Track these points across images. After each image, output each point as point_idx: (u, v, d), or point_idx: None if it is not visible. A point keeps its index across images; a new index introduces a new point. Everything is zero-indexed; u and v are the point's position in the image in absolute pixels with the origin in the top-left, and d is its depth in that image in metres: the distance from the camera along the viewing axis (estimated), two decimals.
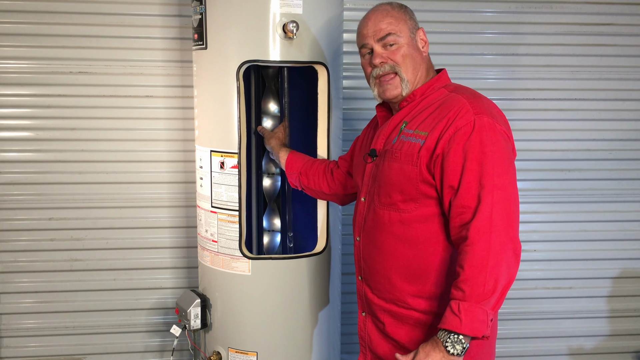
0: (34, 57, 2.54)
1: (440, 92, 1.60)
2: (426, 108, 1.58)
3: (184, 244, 2.74)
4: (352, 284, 2.81)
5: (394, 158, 1.57)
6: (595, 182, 2.89)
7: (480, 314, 1.36)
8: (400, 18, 1.60)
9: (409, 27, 1.60)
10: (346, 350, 2.88)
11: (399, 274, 1.58)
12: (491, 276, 1.37)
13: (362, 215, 1.68)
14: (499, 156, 1.43)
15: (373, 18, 1.61)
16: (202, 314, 2.11)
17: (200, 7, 1.94)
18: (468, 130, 1.44)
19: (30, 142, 2.60)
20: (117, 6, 2.56)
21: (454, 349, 1.36)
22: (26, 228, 2.65)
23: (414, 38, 1.61)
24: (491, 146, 1.43)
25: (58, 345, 2.73)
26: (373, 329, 1.68)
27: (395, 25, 1.59)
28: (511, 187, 1.44)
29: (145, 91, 2.62)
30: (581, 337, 3.00)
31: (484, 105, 1.50)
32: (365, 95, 2.73)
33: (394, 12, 1.61)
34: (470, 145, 1.43)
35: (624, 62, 2.82)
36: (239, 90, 1.90)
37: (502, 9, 2.74)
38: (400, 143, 1.57)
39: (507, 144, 1.48)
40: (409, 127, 1.57)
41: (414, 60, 1.60)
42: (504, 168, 1.43)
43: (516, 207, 1.46)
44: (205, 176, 2.04)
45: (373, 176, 1.66)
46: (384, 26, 1.59)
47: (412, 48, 1.60)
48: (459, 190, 1.44)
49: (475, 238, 1.38)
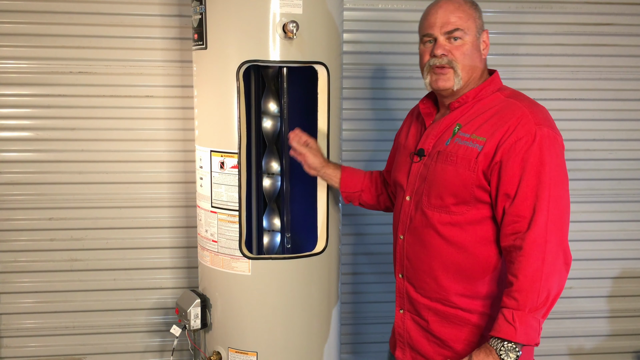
0: (34, 57, 2.54)
1: (495, 96, 1.61)
2: (482, 112, 1.59)
3: (184, 244, 2.74)
4: (352, 284, 2.83)
5: (448, 161, 1.58)
6: (595, 182, 2.89)
7: (533, 323, 1.40)
8: (470, 15, 1.59)
9: (476, 26, 1.60)
10: (346, 350, 2.88)
11: (446, 274, 1.61)
12: (544, 287, 1.41)
13: (408, 215, 1.69)
14: (555, 168, 1.46)
15: (445, 8, 1.59)
16: (202, 314, 2.11)
17: (200, 7, 1.94)
18: (529, 140, 1.47)
19: (30, 142, 2.60)
20: (117, 6, 2.56)
21: (508, 357, 1.40)
22: (26, 228, 2.65)
23: (479, 38, 1.61)
24: (550, 158, 1.46)
25: (58, 345, 2.73)
26: (413, 327, 1.71)
27: (465, 21, 1.58)
28: (565, 199, 1.47)
29: (145, 91, 2.62)
30: (581, 337, 3.00)
31: (543, 116, 1.52)
32: (366, 95, 2.73)
33: (465, 6, 1.60)
34: (530, 155, 1.46)
35: (624, 62, 2.82)
36: (239, 90, 1.90)
37: (502, 9, 2.74)
38: (456, 146, 1.58)
39: (563, 155, 1.51)
40: (465, 131, 1.58)
41: (473, 60, 1.60)
42: (559, 180, 1.46)
43: (568, 218, 1.49)
44: (205, 176, 2.04)
45: (422, 176, 1.66)
46: (454, 20, 1.58)
47: (474, 48, 1.60)
48: (515, 199, 1.46)
49: (530, 249, 1.42)
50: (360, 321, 2.86)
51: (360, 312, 2.85)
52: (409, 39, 2.62)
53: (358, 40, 2.67)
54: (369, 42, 2.70)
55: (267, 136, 2.33)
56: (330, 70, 1.97)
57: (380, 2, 2.68)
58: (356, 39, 2.67)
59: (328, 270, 2.13)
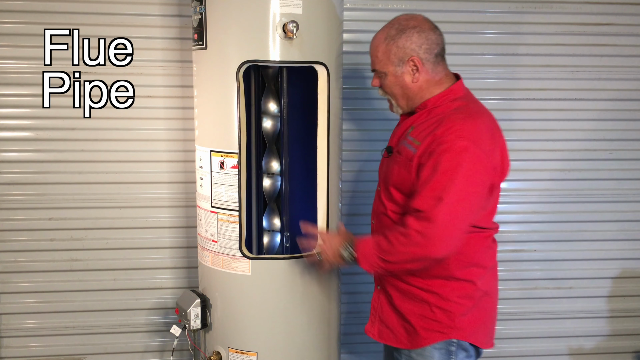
0: (34, 57, 2.54)
1: (447, 106, 1.74)
2: (431, 119, 1.74)
3: (184, 244, 2.74)
4: (352, 284, 2.82)
5: (395, 160, 1.80)
6: (595, 182, 2.89)
7: (371, 258, 1.70)
8: (386, 52, 1.76)
9: (394, 62, 1.76)
10: (346, 350, 2.88)
11: None
12: (402, 254, 1.65)
13: (376, 202, 1.92)
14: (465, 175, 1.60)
15: (371, 44, 1.82)
16: (202, 314, 2.11)
17: (200, 7, 1.94)
18: (447, 148, 1.61)
19: (30, 142, 2.60)
20: (117, 6, 2.56)
21: (344, 251, 1.77)
22: (26, 228, 2.65)
23: (401, 70, 1.76)
24: (461, 166, 1.59)
25: (58, 345, 2.73)
26: (385, 302, 1.90)
27: (380, 61, 1.78)
28: (467, 202, 1.62)
29: (145, 91, 2.62)
30: (581, 337, 3.00)
31: (470, 131, 1.63)
32: (366, 95, 2.73)
33: (382, 46, 1.77)
34: (444, 160, 1.61)
35: (624, 62, 2.82)
36: (239, 90, 1.90)
37: (502, 9, 2.74)
38: (402, 147, 1.78)
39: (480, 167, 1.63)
40: (412, 133, 1.76)
41: (402, 88, 1.78)
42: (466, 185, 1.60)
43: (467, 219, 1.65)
44: (205, 176, 2.04)
45: (384, 170, 1.89)
46: (373, 59, 1.81)
47: (396, 80, 1.78)
48: (421, 192, 1.65)
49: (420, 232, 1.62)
50: (360, 321, 2.86)
51: (360, 312, 2.85)
52: None
53: (358, 40, 2.67)
54: (369, 42, 2.69)
55: (267, 136, 2.33)
56: (330, 70, 1.97)
57: (380, 2, 2.68)
58: (356, 39, 2.67)
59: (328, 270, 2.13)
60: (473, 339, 1.80)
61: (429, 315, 1.78)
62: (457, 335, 1.77)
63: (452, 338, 1.77)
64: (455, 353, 1.79)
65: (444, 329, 1.77)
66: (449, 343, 1.78)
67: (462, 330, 1.77)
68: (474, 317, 1.79)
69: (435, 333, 1.77)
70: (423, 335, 1.79)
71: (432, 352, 1.78)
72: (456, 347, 1.78)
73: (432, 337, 1.77)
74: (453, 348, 1.78)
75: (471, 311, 1.78)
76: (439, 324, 1.77)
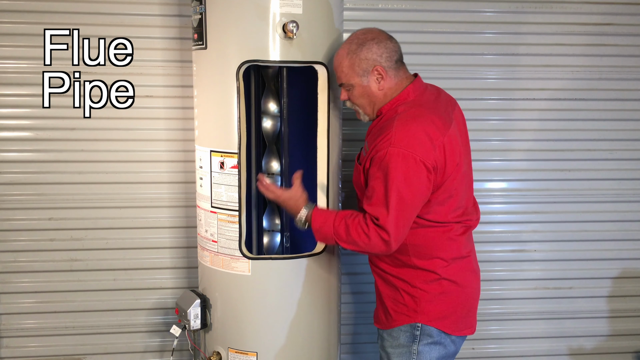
0: (34, 57, 2.54)
1: (393, 112, 1.87)
2: (379, 125, 1.89)
3: (184, 244, 2.74)
4: (352, 284, 2.83)
5: (355, 165, 1.98)
6: (595, 182, 2.89)
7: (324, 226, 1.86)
8: (351, 67, 1.86)
9: (359, 74, 1.86)
10: (346, 350, 2.88)
11: None
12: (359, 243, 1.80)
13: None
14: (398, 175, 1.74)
15: (334, 61, 1.91)
16: (202, 314, 2.11)
17: (200, 7, 1.94)
18: (383, 155, 1.76)
19: (30, 142, 2.60)
20: (117, 6, 2.56)
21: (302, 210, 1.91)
22: (26, 228, 2.65)
23: (367, 79, 1.87)
24: (394, 169, 1.74)
25: (58, 345, 2.73)
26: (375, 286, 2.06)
27: (346, 74, 1.88)
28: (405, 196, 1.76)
29: (145, 91, 2.62)
30: (581, 337, 3.00)
31: (402, 137, 1.76)
32: None
33: (345, 60, 1.87)
34: (382, 165, 1.76)
35: (624, 62, 2.81)
36: (238, 90, 1.90)
37: (502, 9, 2.74)
38: (360, 153, 1.96)
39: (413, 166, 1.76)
40: (367, 139, 1.94)
41: (369, 97, 1.90)
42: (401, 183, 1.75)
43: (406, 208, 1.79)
44: (205, 176, 2.04)
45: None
46: (339, 74, 1.90)
47: (364, 91, 1.89)
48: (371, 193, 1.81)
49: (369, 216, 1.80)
50: (360, 321, 2.86)
51: (360, 312, 2.85)
52: (408, 39, 2.62)
53: None
54: None
55: (267, 136, 2.33)
56: (330, 70, 1.97)
57: (380, 2, 2.68)
58: None
59: (328, 270, 2.13)
60: (439, 324, 1.92)
61: (399, 299, 1.95)
62: (422, 319, 1.91)
63: (416, 322, 1.91)
64: (419, 337, 1.92)
65: (410, 312, 1.92)
66: (414, 327, 1.92)
67: (426, 315, 1.91)
68: (441, 304, 1.91)
69: (402, 315, 1.94)
70: (394, 317, 1.96)
71: (398, 333, 1.95)
72: (420, 331, 1.92)
73: (400, 319, 1.94)
74: (417, 332, 1.92)
75: (437, 298, 1.91)
76: (406, 308, 1.93)
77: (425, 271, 1.91)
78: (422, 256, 1.90)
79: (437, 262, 1.91)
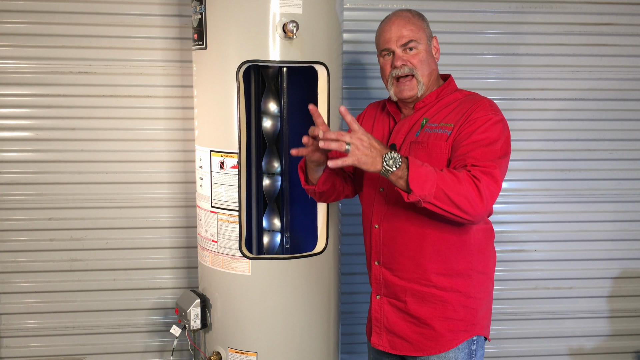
0: (34, 57, 2.54)
1: (454, 95, 1.80)
2: (445, 107, 1.76)
3: (184, 244, 2.74)
4: (352, 284, 2.82)
5: (420, 148, 1.72)
6: (595, 182, 2.89)
7: (428, 178, 1.50)
8: (420, 26, 1.78)
9: (426, 35, 1.79)
10: (346, 350, 2.88)
11: (423, 255, 1.73)
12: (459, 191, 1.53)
13: (382, 205, 1.80)
14: (503, 142, 1.65)
15: (397, 23, 1.78)
16: (202, 314, 2.11)
17: (200, 7, 1.94)
18: (485, 120, 1.66)
19: (30, 142, 2.60)
20: (117, 6, 2.56)
21: (391, 163, 1.50)
22: (26, 228, 2.65)
23: (430, 45, 1.80)
24: (498, 134, 1.65)
25: (58, 345, 2.73)
26: (391, 310, 1.82)
27: (416, 32, 1.76)
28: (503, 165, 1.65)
29: (145, 91, 2.62)
30: (581, 337, 3.00)
31: (496, 108, 1.72)
32: (366, 95, 2.73)
33: (414, 19, 1.79)
34: (481, 126, 1.65)
35: (624, 62, 2.82)
36: (238, 90, 1.90)
37: (502, 9, 2.74)
38: (426, 135, 1.73)
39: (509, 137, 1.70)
40: (432, 122, 1.75)
41: (429, 65, 1.78)
42: (503, 149, 1.65)
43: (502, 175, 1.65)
44: (205, 176, 2.04)
45: None
46: (406, 33, 1.76)
47: (428, 54, 1.78)
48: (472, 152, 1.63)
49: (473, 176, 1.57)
50: (359, 321, 2.86)
51: (360, 312, 2.85)
52: None
53: (358, 40, 2.67)
54: (369, 42, 2.69)
55: (267, 136, 2.33)
56: (330, 70, 1.97)
57: (380, 2, 2.68)
58: (356, 39, 2.67)
59: (328, 270, 2.13)
60: (487, 332, 1.82)
61: (452, 315, 1.74)
62: (478, 331, 1.77)
63: (473, 336, 1.77)
64: (475, 351, 1.78)
65: (467, 327, 1.76)
66: (471, 342, 1.77)
67: (480, 325, 1.78)
68: (487, 310, 1.82)
69: (460, 333, 1.75)
70: (448, 337, 1.74)
71: (456, 354, 1.75)
72: (476, 344, 1.78)
73: (459, 337, 1.75)
74: (474, 347, 1.78)
75: (487, 304, 1.81)
76: (463, 323, 1.75)
77: (482, 275, 1.77)
78: (481, 257, 1.76)
79: (490, 262, 1.80)
